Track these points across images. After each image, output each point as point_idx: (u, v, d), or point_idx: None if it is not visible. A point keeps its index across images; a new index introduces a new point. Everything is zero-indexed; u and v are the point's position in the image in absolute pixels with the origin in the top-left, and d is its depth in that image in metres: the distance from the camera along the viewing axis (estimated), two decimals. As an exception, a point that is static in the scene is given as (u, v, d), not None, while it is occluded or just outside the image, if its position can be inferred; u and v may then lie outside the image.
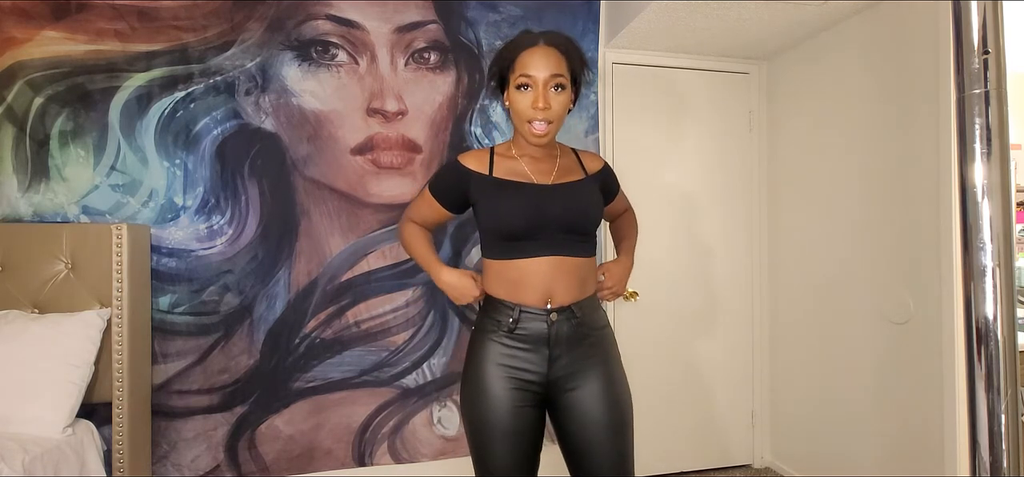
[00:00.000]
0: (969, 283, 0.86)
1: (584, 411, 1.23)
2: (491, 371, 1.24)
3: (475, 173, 1.30)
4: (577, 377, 1.25)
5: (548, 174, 1.30)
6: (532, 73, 1.22)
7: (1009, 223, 0.85)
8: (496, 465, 1.23)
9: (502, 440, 1.22)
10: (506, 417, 1.22)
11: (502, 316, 1.25)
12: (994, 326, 0.84)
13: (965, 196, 0.87)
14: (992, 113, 0.84)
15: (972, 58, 0.85)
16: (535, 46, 1.24)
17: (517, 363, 1.24)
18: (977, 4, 0.85)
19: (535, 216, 1.23)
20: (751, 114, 2.72)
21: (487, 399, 1.23)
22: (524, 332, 1.23)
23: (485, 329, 1.28)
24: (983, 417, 0.84)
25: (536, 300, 1.23)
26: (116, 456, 1.80)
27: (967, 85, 0.86)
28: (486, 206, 1.27)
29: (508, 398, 1.22)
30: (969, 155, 0.86)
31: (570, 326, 1.24)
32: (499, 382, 1.23)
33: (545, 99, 1.22)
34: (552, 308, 1.23)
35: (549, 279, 1.23)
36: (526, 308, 1.23)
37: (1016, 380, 0.84)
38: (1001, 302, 0.84)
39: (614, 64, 2.54)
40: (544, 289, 1.23)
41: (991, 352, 0.84)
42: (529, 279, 1.23)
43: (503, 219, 1.24)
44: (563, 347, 1.24)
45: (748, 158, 2.73)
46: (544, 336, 1.23)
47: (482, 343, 1.27)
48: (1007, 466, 0.83)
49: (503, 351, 1.24)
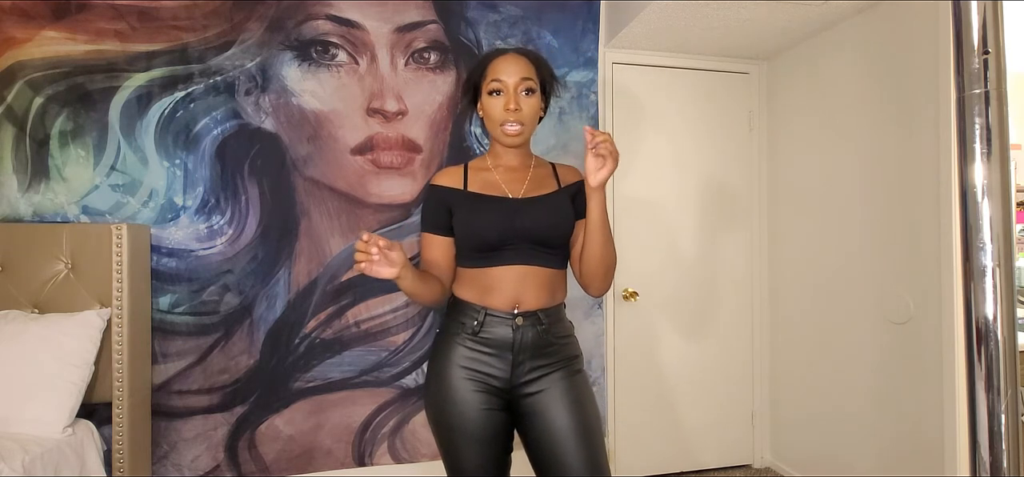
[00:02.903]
0: (969, 283, 0.86)
1: (548, 418, 1.22)
2: (455, 373, 1.25)
3: (451, 189, 1.31)
4: (539, 383, 1.25)
5: (520, 184, 1.32)
6: (503, 78, 1.27)
7: (1009, 223, 0.85)
8: (466, 468, 1.23)
9: (470, 443, 1.22)
10: (473, 420, 1.22)
11: (467, 318, 1.26)
12: (994, 326, 0.84)
13: (965, 196, 0.87)
14: (992, 113, 0.84)
15: (972, 58, 0.85)
16: (505, 54, 1.30)
17: (481, 367, 1.24)
18: (977, 4, 0.85)
19: (506, 229, 1.25)
20: (751, 114, 2.72)
21: (453, 402, 1.23)
22: (488, 336, 1.25)
23: (450, 331, 1.29)
24: (983, 417, 0.84)
25: (503, 304, 1.25)
26: (116, 456, 1.80)
27: (967, 85, 0.86)
28: (461, 219, 1.28)
29: (474, 400, 1.23)
30: (969, 155, 0.86)
31: (535, 333, 1.25)
32: (464, 384, 1.24)
33: (516, 101, 1.26)
34: (518, 312, 1.25)
35: (518, 286, 1.25)
36: (492, 311, 1.25)
37: (1016, 380, 0.84)
38: (1001, 302, 0.84)
39: (614, 64, 2.54)
40: (512, 295, 1.25)
41: (991, 352, 0.84)
42: (498, 285, 1.25)
43: (476, 232, 1.26)
44: (527, 353, 1.25)
45: (748, 158, 2.73)
46: (508, 341, 1.24)
47: (447, 345, 1.28)
48: (1007, 466, 0.83)
49: (467, 354, 1.25)
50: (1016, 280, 0.88)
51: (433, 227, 1.32)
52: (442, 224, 1.31)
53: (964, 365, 0.87)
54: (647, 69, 2.59)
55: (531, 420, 1.24)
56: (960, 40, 0.87)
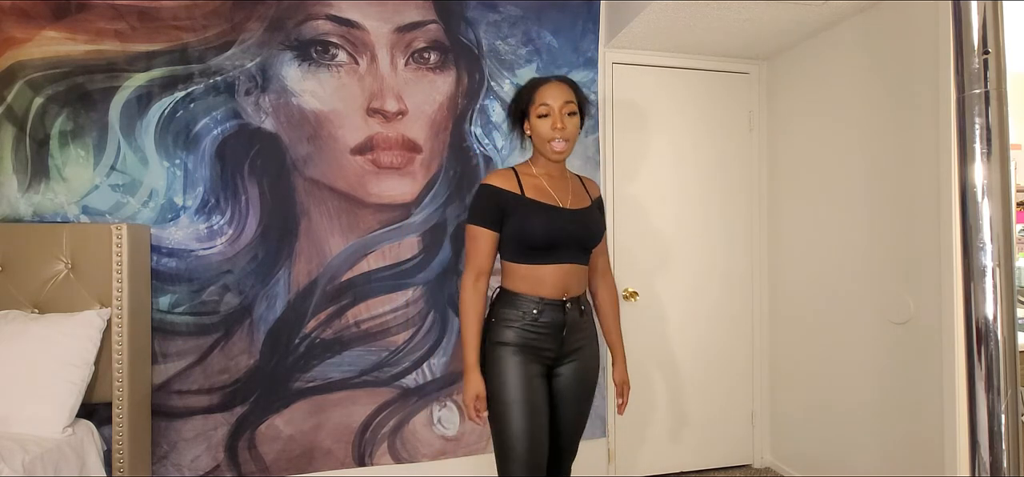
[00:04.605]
0: (969, 283, 0.86)
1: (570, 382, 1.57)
2: (515, 353, 1.49)
3: (508, 192, 1.53)
4: (576, 353, 1.57)
5: (565, 195, 1.57)
6: (550, 102, 1.51)
7: (1009, 223, 0.85)
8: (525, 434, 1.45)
9: (529, 412, 1.46)
10: (533, 390, 1.48)
11: (525, 307, 1.51)
12: (994, 326, 0.84)
13: (965, 196, 0.87)
14: (992, 113, 0.84)
15: (972, 58, 0.85)
16: (550, 82, 1.54)
17: (537, 344, 1.51)
18: (977, 4, 0.85)
19: (558, 234, 1.50)
20: (751, 114, 2.72)
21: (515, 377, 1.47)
22: (546, 320, 1.51)
23: (508, 318, 1.52)
24: (983, 417, 0.84)
25: (555, 294, 1.51)
26: (116, 456, 1.80)
27: (967, 85, 0.86)
28: (519, 221, 1.50)
29: (530, 372, 1.49)
30: (969, 155, 0.86)
31: (577, 315, 1.56)
32: (523, 363, 1.49)
33: (562, 121, 1.50)
34: (567, 299, 1.52)
35: (566, 279, 1.53)
36: (547, 300, 1.50)
37: (1016, 380, 0.84)
38: (1001, 302, 0.84)
39: (614, 64, 2.54)
40: (562, 286, 1.52)
41: (991, 352, 0.84)
42: (549, 279, 1.51)
43: (534, 233, 1.49)
44: (572, 330, 1.54)
45: (748, 158, 2.73)
46: (561, 322, 1.52)
47: (506, 329, 1.51)
48: (1007, 466, 0.83)
49: (525, 335, 1.50)
50: (1016, 280, 0.88)
51: (486, 223, 1.53)
52: (494, 220, 1.53)
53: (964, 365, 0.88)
54: (647, 69, 2.59)
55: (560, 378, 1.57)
56: (960, 40, 0.87)
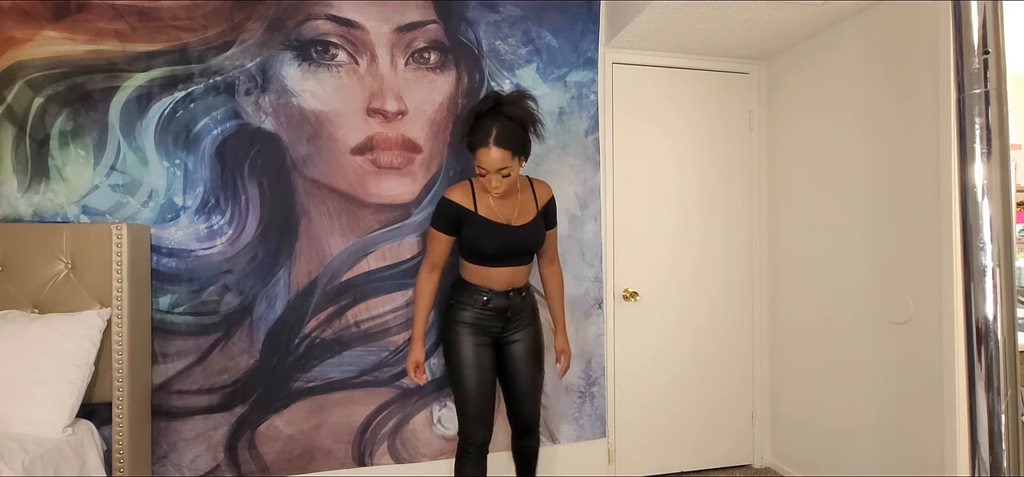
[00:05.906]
0: (969, 283, 0.86)
1: (518, 354, 1.96)
2: (467, 330, 1.91)
3: (464, 208, 1.85)
4: (517, 332, 1.96)
5: (513, 211, 1.88)
6: (485, 166, 1.74)
7: (1009, 223, 0.85)
8: (473, 387, 1.88)
9: (475, 371, 1.88)
10: (478, 356, 1.89)
11: (478, 295, 1.91)
12: (994, 326, 0.84)
13: (965, 196, 0.87)
14: (992, 113, 0.84)
15: (972, 58, 0.85)
16: (489, 148, 1.72)
17: (484, 323, 1.92)
18: (977, 4, 0.85)
19: (504, 248, 1.86)
20: (751, 114, 2.72)
21: (466, 346, 1.89)
22: (493, 306, 1.91)
23: (463, 302, 1.92)
24: (983, 417, 0.84)
25: (501, 286, 1.91)
26: (116, 456, 1.80)
27: (967, 85, 0.86)
28: (471, 235, 1.86)
29: (477, 342, 1.91)
30: (969, 155, 0.86)
31: (519, 300, 1.96)
32: (473, 336, 1.90)
33: (497, 181, 1.76)
34: (511, 290, 1.92)
35: (510, 276, 1.91)
36: (495, 291, 1.90)
37: (1016, 380, 0.84)
38: (1001, 302, 0.84)
39: (614, 64, 2.54)
40: (507, 281, 1.91)
41: (991, 352, 0.84)
42: (496, 276, 1.90)
43: (483, 249, 1.85)
44: (514, 312, 1.94)
45: (748, 158, 2.73)
46: (506, 307, 1.92)
47: (461, 310, 1.92)
48: (1007, 466, 0.83)
49: (475, 316, 1.91)
50: (1016, 280, 0.88)
51: (444, 229, 1.88)
52: (451, 228, 1.88)
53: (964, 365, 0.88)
54: (647, 69, 2.59)
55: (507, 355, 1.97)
56: (960, 40, 0.87)
